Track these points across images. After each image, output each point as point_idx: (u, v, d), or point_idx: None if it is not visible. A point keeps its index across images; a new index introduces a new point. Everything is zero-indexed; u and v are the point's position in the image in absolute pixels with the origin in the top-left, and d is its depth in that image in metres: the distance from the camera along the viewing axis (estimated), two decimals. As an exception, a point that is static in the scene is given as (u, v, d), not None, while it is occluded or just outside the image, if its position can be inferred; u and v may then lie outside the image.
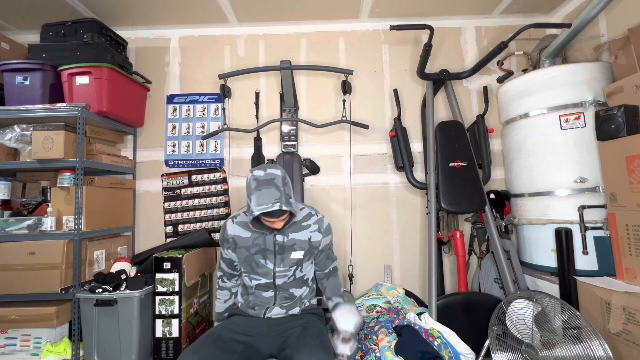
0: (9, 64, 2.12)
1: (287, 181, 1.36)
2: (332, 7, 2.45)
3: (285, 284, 1.49)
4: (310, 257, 1.53)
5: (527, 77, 2.14)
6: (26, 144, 2.05)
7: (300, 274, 1.52)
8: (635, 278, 1.62)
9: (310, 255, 1.52)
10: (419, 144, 2.56)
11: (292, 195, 1.36)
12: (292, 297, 1.50)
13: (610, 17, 2.14)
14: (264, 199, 1.28)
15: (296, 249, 1.47)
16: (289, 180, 1.37)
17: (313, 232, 1.50)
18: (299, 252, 1.47)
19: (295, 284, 1.51)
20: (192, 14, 2.50)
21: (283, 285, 1.48)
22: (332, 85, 2.62)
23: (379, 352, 1.68)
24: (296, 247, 1.47)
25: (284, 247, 1.46)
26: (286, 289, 1.49)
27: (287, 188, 1.33)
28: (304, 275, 1.54)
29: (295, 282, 1.50)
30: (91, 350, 1.90)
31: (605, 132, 1.77)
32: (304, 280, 1.55)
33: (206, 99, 2.64)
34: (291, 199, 1.33)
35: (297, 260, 1.48)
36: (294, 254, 1.47)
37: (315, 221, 1.53)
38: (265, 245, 1.46)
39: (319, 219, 1.54)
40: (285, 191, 1.31)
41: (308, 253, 1.50)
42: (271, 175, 1.33)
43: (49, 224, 2.00)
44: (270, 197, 1.28)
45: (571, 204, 1.94)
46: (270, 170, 1.35)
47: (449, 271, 2.48)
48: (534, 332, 1.58)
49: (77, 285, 1.97)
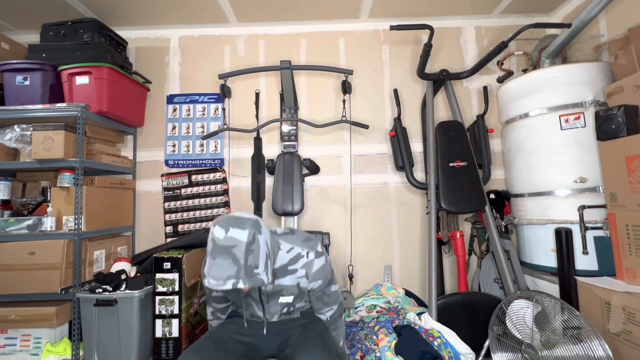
0: (9, 64, 2.12)
1: (255, 245, 1.09)
2: (332, 7, 2.45)
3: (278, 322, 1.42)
4: (302, 299, 1.40)
5: (527, 77, 2.14)
6: (26, 144, 2.05)
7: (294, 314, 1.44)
8: (635, 278, 1.62)
9: (302, 297, 1.38)
10: (419, 144, 2.56)
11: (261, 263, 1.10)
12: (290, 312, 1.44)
13: (610, 17, 2.14)
14: (215, 271, 1.05)
15: (284, 294, 1.32)
16: (259, 244, 1.11)
17: (301, 277, 1.31)
18: (288, 297, 1.33)
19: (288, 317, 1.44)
20: (192, 14, 2.50)
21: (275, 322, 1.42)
22: (332, 85, 2.62)
23: (379, 352, 1.68)
24: (284, 292, 1.32)
25: (269, 295, 1.32)
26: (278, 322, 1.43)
27: (252, 257, 1.07)
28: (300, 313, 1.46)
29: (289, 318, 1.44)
30: (91, 350, 1.90)
31: (605, 132, 1.77)
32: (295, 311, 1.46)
33: (206, 99, 2.64)
34: (257, 270, 1.08)
35: (287, 304, 1.35)
36: (282, 299, 1.33)
37: (304, 265, 1.31)
38: (250, 293, 1.34)
39: (308, 262, 1.31)
40: (248, 262, 1.06)
41: (299, 297, 1.36)
42: (232, 241, 1.06)
43: (49, 224, 2.00)
44: (223, 271, 1.04)
45: (571, 204, 1.94)
46: (234, 233, 1.07)
47: (449, 271, 2.48)
48: (534, 332, 1.58)
49: (77, 285, 1.96)
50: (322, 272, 1.34)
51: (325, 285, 1.37)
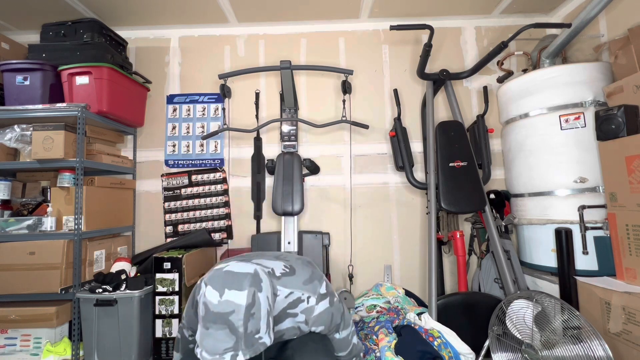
0: (9, 64, 2.12)
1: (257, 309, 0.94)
2: (332, 7, 2.45)
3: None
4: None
5: (527, 77, 2.14)
6: (26, 144, 2.05)
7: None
8: (635, 278, 1.62)
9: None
10: (419, 144, 2.56)
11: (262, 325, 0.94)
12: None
13: (610, 17, 2.14)
14: (210, 344, 0.89)
15: (285, 338, 1.21)
16: (260, 305, 0.95)
17: (300, 323, 1.18)
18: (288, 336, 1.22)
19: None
20: (192, 14, 2.50)
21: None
22: (332, 85, 2.62)
23: (379, 352, 1.68)
24: (285, 337, 1.20)
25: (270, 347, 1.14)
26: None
27: (252, 322, 0.92)
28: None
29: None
30: (91, 350, 1.90)
31: (605, 132, 1.77)
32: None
33: (206, 99, 2.64)
34: (258, 335, 0.93)
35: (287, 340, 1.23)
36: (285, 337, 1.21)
37: (303, 310, 1.16)
38: None
39: (308, 307, 1.16)
40: (248, 329, 0.90)
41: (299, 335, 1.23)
42: (228, 306, 0.90)
43: (49, 224, 2.00)
44: (218, 344, 0.89)
45: (571, 204, 1.94)
46: (230, 296, 0.92)
47: (449, 271, 2.48)
48: (534, 332, 1.58)
49: (77, 285, 1.97)
50: (324, 317, 1.19)
51: (329, 331, 1.23)
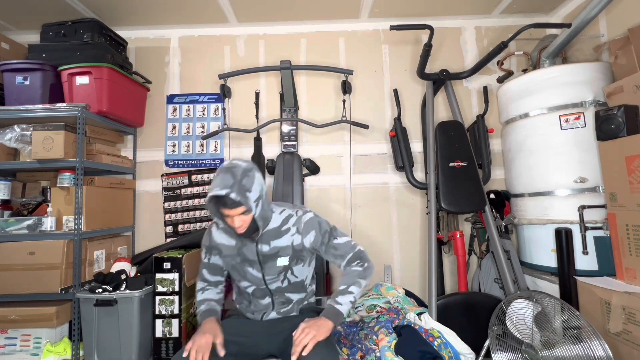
0: (9, 64, 2.12)
1: (251, 175, 1.25)
2: (332, 7, 2.45)
3: (280, 289, 1.42)
4: (300, 261, 1.42)
5: (527, 77, 2.14)
6: (26, 144, 2.05)
7: (294, 279, 1.43)
8: (635, 278, 1.62)
9: (299, 259, 1.41)
10: (419, 144, 2.56)
11: (253, 192, 1.24)
12: (289, 301, 1.44)
13: (610, 17, 2.14)
14: (216, 183, 1.21)
15: (281, 255, 1.38)
16: (254, 175, 1.27)
17: (294, 235, 1.38)
18: (284, 258, 1.38)
19: (290, 288, 1.44)
20: (192, 14, 2.50)
21: (277, 289, 1.42)
22: (332, 85, 2.62)
23: (379, 352, 1.68)
24: (280, 253, 1.38)
25: (267, 256, 1.38)
26: (282, 292, 1.43)
27: (247, 180, 1.23)
28: (299, 280, 1.45)
29: (290, 286, 1.43)
30: (91, 350, 1.90)
31: (605, 132, 1.77)
32: (302, 285, 1.46)
33: (206, 99, 2.64)
34: (249, 193, 1.22)
35: (284, 267, 1.39)
36: (280, 261, 1.38)
37: (294, 222, 1.40)
38: (248, 255, 1.39)
39: (298, 218, 1.40)
40: (241, 181, 1.21)
41: (295, 258, 1.40)
42: (233, 164, 1.27)
43: (49, 224, 2.00)
44: (222, 182, 1.20)
45: (571, 204, 1.94)
46: (236, 161, 1.29)
47: (449, 271, 2.48)
48: (534, 332, 1.58)
49: (77, 285, 1.96)
50: (313, 223, 1.39)
51: (323, 236, 1.38)
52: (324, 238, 1.39)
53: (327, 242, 1.39)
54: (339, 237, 1.41)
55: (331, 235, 1.40)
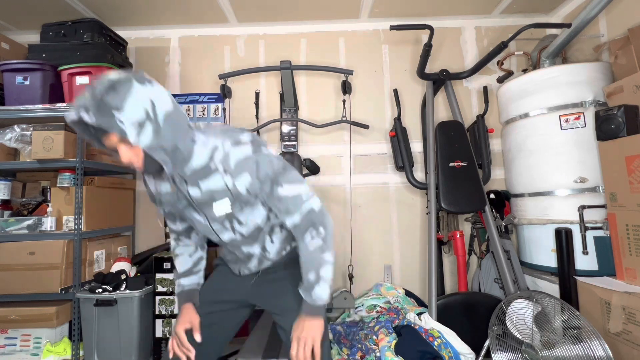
0: (9, 64, 2.12)
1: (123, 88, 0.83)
2: (332, 7, 2.45)
3: (236, 242, 1.13)
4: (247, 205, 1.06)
5: (527, 77, 2.14)
6: (26, 144, 2.05)
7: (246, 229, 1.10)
8: (635, 278, 1.62)
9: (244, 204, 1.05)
10: (419, 144, 2.56)
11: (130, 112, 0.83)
12: (251, 255, 1.16)
13: (610, 17, 2.14)
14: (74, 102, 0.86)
15: (216, 200, 1.03)
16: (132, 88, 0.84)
17: (225, 176, 1.01)
18: (221, 204, 1.03)
19: (247, 241, 1.12)
20: (192, 14, 2.50)
21: (233, 243, 1.13)
22: (332, 85, 2.62)
23: (379, 352, 1.68)
24: (216, 198, 1.03)
25: (201, 202, 1.05)
26: (239, 247, 1.14)
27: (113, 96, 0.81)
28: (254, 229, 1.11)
29: (246, 239, 1.12)
30: (91, 350, 1.90)
31: (605, 132, 1.77)
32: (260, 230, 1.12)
33: (206, 99, 2.64)
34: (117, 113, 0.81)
35: (225, 215, 1.06)
36: (217, 208, 1.04)
37: (221, 158, 1.00)
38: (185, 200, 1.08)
39: (225, 154, 1.00)
40: (103, 97, 0.81)
41: (237, 201, 1.03)
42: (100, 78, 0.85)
43: (49, 224, 2.00)
44: (78, 101, 0.84)
45: (571, 204, 1.94)
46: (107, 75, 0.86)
47: (449, 271, 2.48)
48: (534, 332, 1.58)
49: (77, 285, 1.96)
50: (246, 163, 1.00)
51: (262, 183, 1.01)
52: (265, 185, 1.02)
53: (270, 192, 1.03)
54: (284, 185, 1.04)
55: (275, 183, 1.03)
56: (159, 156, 0.91)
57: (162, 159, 0.92)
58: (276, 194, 1.03)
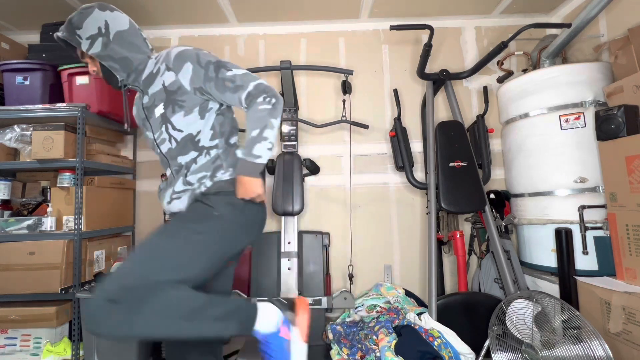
0: (9, 64, 2.12)
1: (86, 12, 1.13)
2: (332, 7, 2.45)
3: (171, 151, 1.19)
4: (179, 108, 1.15)
5: (527, 77, 2.14)
6: (26, 144, 2.05)
7: (179, 134, 1.16)
8: (635, 278, 1.62)
9: (175, 105, 1.14)
10: (419, 144, 2.56)
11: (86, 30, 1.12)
12: (180, 167, 1.20)
13: (610, 17, 2.14)
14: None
15: (157, 104, 1.16)
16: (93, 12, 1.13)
17: (164, 74, 1.15)
18: (159, 106, 1.16)
19: (180, 150, 1.18)
20: (192, 14, 2.50)
21: (169, 152, 1.20)
22: (332, 85, 2.62)
23: (379, 352, 1.68)
24: (156, 102, 1.16)
25: (149, 109, 1.19)
26: (175, 157, 1.20)
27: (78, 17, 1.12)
28: (185, 134, 1.17)
29: (179, 147, 1.18)
30: (91, 351, 1.90)
31: (605, 132, 1.77)
32: (192, 142, 1.17)
33: (206, 99, 2.64)
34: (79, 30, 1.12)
35: (161, 116, 1.16)
36: (157, 111, 1.17)
37: (163, 58, 1.17)
38: (140, 113, 1.25)
39: (167, 53, 1.17)
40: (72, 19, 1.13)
41: (169, 102, 1.14)
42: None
43: (49, 224, 2.00)
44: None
45: (571, 204, 1.94)
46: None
47: (449, 271, 2.48)
48: (534, 332, 1.58)
49: (77, 285, 1.96)
50: (187, 54, 1.14)
51: (206, 69, 1.12)
52: (209, 71, 1.12)
53: (217, 75, 1.12)
54: (232, 68, 1.15)
55: (220, 67, 1.13)
56: (108, 63, 1.15)
57: (112, 67, 1.16)
58: (224, 75, 1.13)
